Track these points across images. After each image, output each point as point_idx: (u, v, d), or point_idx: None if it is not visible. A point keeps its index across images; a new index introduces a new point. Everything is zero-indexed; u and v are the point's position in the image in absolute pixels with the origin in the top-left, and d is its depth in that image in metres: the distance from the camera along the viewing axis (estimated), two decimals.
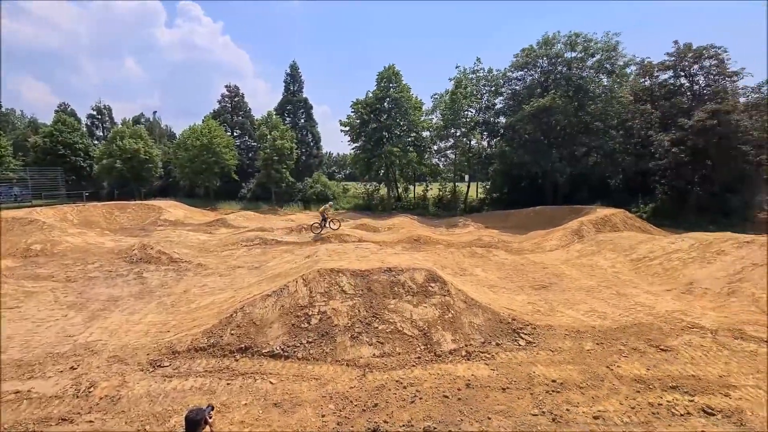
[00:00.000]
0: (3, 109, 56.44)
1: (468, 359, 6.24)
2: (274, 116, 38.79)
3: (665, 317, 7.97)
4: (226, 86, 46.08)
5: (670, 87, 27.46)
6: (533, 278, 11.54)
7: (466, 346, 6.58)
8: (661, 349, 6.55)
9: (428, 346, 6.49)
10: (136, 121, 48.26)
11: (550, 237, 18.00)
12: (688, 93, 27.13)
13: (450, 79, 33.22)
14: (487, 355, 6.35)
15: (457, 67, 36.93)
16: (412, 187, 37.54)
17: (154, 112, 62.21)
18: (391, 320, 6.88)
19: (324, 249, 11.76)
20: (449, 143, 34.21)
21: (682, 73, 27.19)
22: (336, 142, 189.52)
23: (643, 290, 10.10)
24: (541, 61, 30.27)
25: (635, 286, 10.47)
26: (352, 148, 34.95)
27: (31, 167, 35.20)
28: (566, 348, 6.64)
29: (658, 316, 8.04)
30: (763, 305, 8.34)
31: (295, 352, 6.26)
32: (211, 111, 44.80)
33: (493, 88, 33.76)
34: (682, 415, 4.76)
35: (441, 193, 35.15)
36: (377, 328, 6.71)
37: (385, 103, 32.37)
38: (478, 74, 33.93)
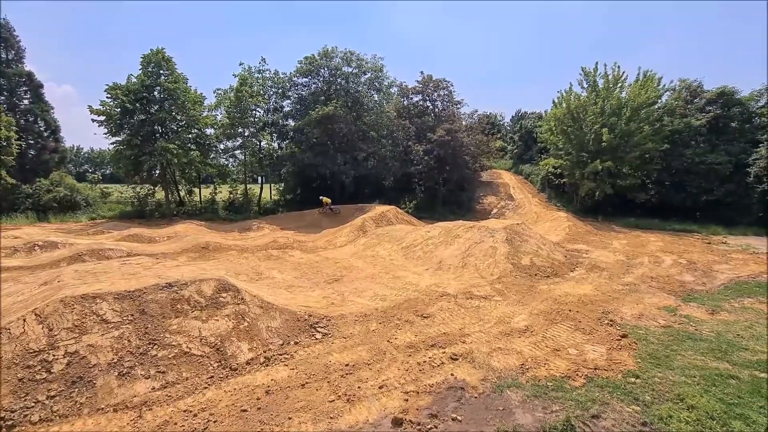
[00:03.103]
0: None
1: (267, 365, 6.10)
2: None
3: (426, 291, 10.00)
4: None
5: (421, 107, 34.77)
6: (327, 273, 12.32)
7: (265, 352, 6.42)
8: (423, 316, 8.18)
9: (222, 361, 5.99)
10: None
11: (340, 234, 19.62)
12: (432, 113, 34.92)
13: (234, 75, 31.41)
14: (287, 356, 6.39)
15: (241, 64, 35.24)
16: (197, 190, 33.56)
17: None
18: (174, 343, 5.98)
19: (72, 271, 9.07)
20: (237, 143, 32.32)
21: (427, 98, 34.80)
22: (87, 135, 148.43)
23: (411, 272, 12.33)
24: (323, 71, 32.49)
25: (406, 269, 12.68)
26: (112, 143, 28.14)
27: None
28: (356, 332, 7.40)
29: (421, 291, 10.00)
30: (482, 272, 11.60)
31: (27, 415, 4.60)
32: None
33: (280, 91, 33.96)
34: (438, 365, 6.08)
35: (232, 195, 32.84)
36: (156, 355, 5.71)
37: (155, 93, 27.66)
38: (264, 74, 33.39)
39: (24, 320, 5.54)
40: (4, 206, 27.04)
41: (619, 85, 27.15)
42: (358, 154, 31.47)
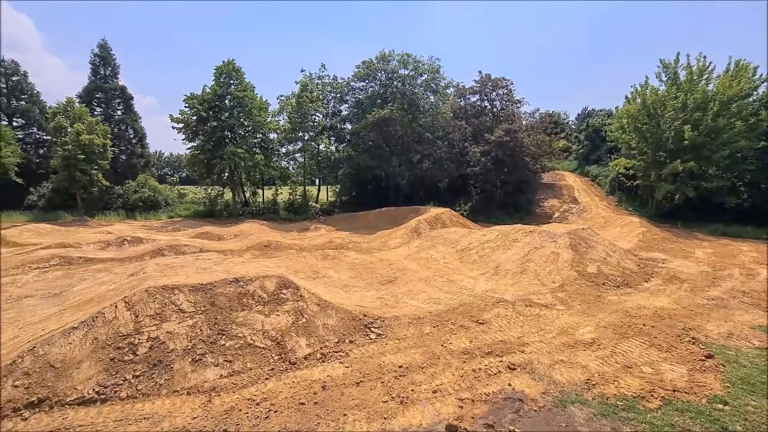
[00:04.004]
0: None
1: (323, 361, 6.29)
2: (76, 104, 31.13)
3: (482, 296, 9.70)
4: None
5: (478, 108, 33.92)
6: (381, 274, 12.44)
7: (321, 348, 6.63)
8: (479, 322, 7.93)
9: (282, 355, 6.28)
10: None
11: (394, 235, 19.74)
12: (490, 114, 33.93)
13: (296, 82, 33.00)
14: (342, 354, 6.54)
15: (302, 71, 36.90)
16: (260, 191, 35.71)
17: None
18: (240, 335, 6.39)
19: (154, 264, 10.07)
20: (298, 146, 33.90)
21: (485, 98, 33.87)
22: (167, 141, 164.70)
23: (466, 276, 12.05)
24: (380, 74, 33.00)
25: (460, 273, 12.41)
26: (188, 148, 30.94)
27: None
28: (410, 334, 7.38)
29: (477, 296, 9.72)
30: (542, 278, 11.01)
31: (116, 392, 5.17)
32: None
33: (338, 95, 35.07)
34: (495, 374, 5.86)
35: (291, 196, 34.49)
36: (224, 345, 6.13)
37: (226, 101, 29.88)
38: (323, 80, 34.70)
39: (116, 307, 6.24)
40: (99, 205, 30.85)
41: (705, 77, 24.31)
42: (413, 156, 31.49)
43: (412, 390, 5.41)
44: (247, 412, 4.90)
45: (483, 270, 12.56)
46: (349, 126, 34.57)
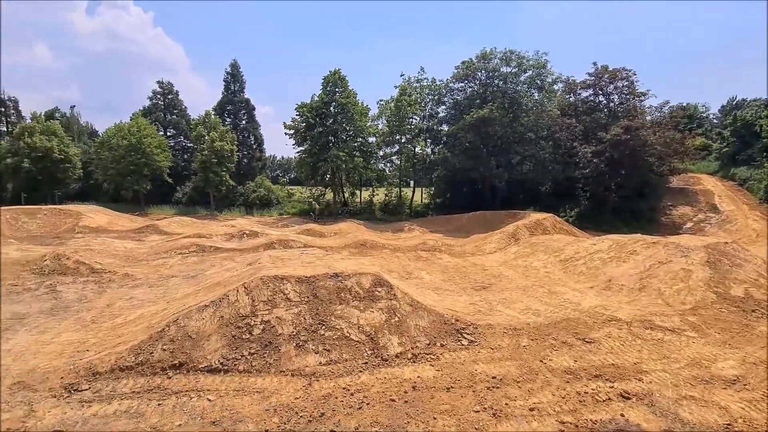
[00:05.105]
0: None
1: (414, 361, 6.34)
2: (212, 116, 36.74)
3: (589, 312, 8.74)
4: (159, 82, 43.14)
5: (591, 104, 30.55)
6: (474, 280, 12.06)
7: (412, 348, 6.69)
8: (586, 341, 7.16)
9: (375, 350, 6.50)
10: (50, 116, 43.04)
11: (489, 240, 18.98)
12: (605, 109, 30.33)
13: (395, 87, 33.93)
14: (432, 356, 6.51)
15: (402, 76, 37.81)
16: (358, 192, 37.60)
17: (72, 107, 55.74)
18: (337, 326, 6.80)
19: (267, 255, 11.33)
20: (395, 149, 34.82)
21: (600, 92, 30.36)
22: (280, 145, 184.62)
23: (570, 288, 10.99)
24: (480, 74, 32.06)
25: (564, 285, 11.36)
26: (297, 152, 34.24)
27: None
28: (505, 345, 7.01)
29: (583, 311, 8.79)
30: (668, 298, 9.48)
31: (235, 365, 5.93)
32: (141, 108, 41.46)
33: (436, 97, 35.07)
34: (604, 401, 5.22)
35: (387, 198, 35.59)
36: (323, 335, 6.59)
37: (331, 108, 32.18)
38: (422, 83, 35.05)
39: (237, 291, 7.16)
40: (225, 202, 35.95)
41: None
42: (513, 157, 29.88)
43: (506, 404, 5.13)
44: (342, 401, 5.19)
45: (591, 283, 11.31)
46: (445, 128, 34.33)
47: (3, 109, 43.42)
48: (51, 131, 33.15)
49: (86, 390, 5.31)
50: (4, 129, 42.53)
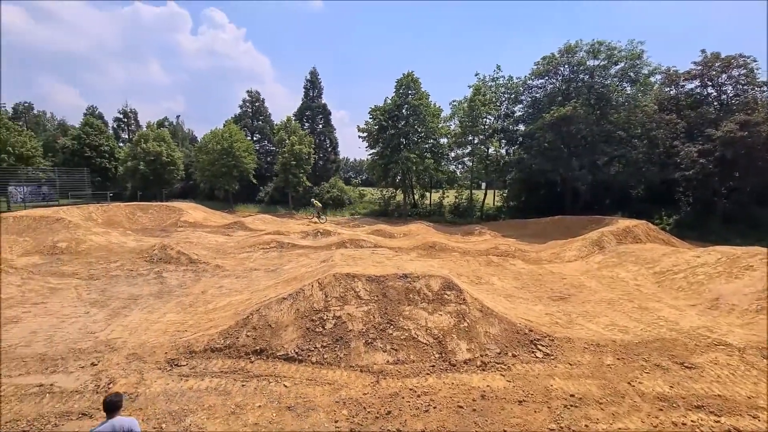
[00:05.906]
0: (35, 112, 59.22)
1: (483, 370, 6.13)
2: (293, 121, 39.36)
3: (690, 333, 7.68)
4: (248, 92, 47.28)
5: (697, 97, 26.72)
6: (551, 289, 11.30)
7: (482, 356, 6.48)
8: (685, 366, 6.31)
9: (443, 354, 6.42)
10: (160, 124, 49.73)
11: (569, 247, 17.61)
12: (716, 103, 26.35)
13: (469, 86, 33.12)
14: (503, 366, 6.23)
15: (476, 75, 36.82)
16: (428, 194, 37.41)
17: (178, 116, 64.27)
18: (405, 327, 6.84)
19: (339, 254, 11.81)
20: (467, 150, 33.96)
21: (710, 83, 26.41)
22: (353, 148, 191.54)
23: (666, 304, 9.77)
24: (562, 69, 29.92)
25: (658, 300, 10.13)
26: (369, 154, 35.12)
27: (59, 168, 36.58)
28: (585, 362, 6.46)
29: (682, 332, 7.75)
30: None
31: (309, 356, 6.27)
32: (233, 116, 45.82)
33: (512, 96, 33.50)
34: None
35: (457, 200, 34.88)
36: (392, 334, 6.68)
37: (404, 110, 32.43)
38: (497, 82, 33.76)
39: (312, 286, 7.57)
40: (302, 202, 38.17)
41: None
42: (598, 158, 27.35)
43: (586, 425, 4.72)
44: (408, 401, 5.20)
45: (693, 300, 9.92)
46: (522, 127, 32.62)
47: (126, 120, 51.19)
48: (161, 138, 38.31)
49: (184, 365, 6.01)
50: (126, 136, 50.12)
